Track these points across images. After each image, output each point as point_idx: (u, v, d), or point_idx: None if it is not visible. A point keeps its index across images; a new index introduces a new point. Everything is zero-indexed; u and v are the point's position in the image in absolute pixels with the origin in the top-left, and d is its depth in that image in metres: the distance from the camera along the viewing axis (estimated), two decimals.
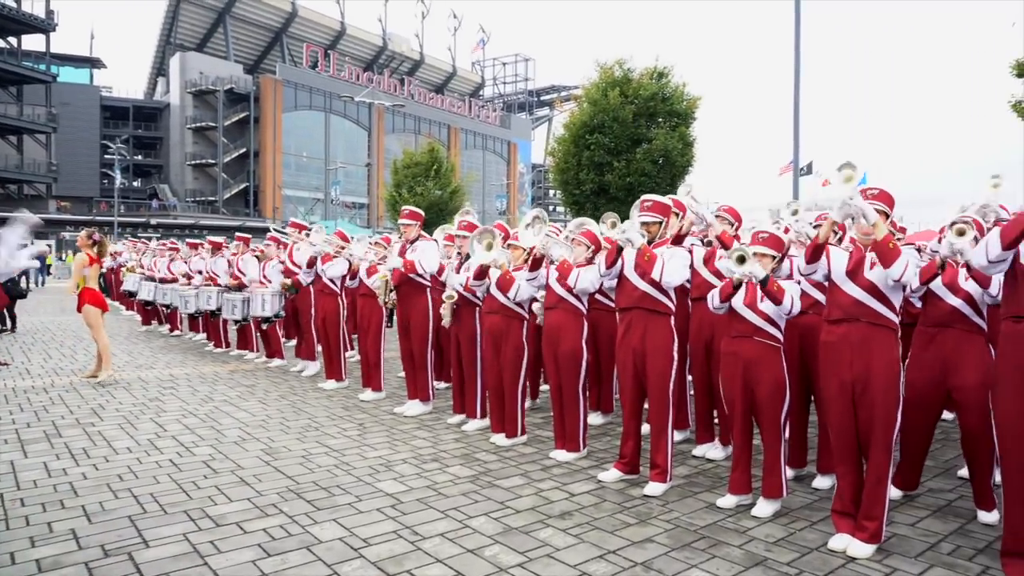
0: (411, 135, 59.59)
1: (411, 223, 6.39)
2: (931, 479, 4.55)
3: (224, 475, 4.55)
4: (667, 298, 4.33)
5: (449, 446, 5.29)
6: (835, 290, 3.56)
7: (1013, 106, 12.76)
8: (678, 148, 21.11)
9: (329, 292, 7.52)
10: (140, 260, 13.83)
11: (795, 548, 3.47)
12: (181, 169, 56.19)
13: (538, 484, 4.42)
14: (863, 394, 3.42)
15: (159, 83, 61.93)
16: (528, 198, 75.47)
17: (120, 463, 4.78)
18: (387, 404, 6.75)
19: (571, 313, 4.88)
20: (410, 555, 3.35)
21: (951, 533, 3.68)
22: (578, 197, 21.94)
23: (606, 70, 22.05)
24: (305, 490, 4.27)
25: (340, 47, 63.27)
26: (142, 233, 39.13)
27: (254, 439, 5.44)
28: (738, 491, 4.05)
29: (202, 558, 3.29)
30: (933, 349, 3.88)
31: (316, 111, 58.29)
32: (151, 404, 6.65)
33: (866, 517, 3.42)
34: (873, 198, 3.50)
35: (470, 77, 79.03)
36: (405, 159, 32.03)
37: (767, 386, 3.89)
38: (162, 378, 8.06)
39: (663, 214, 4.48)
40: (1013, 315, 2.99)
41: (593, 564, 3.27)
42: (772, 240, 3.92)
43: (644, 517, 3.87)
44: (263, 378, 8.12)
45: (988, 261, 2.94)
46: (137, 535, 3.55)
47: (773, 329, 3.90)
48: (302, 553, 3.36)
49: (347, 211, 57.36)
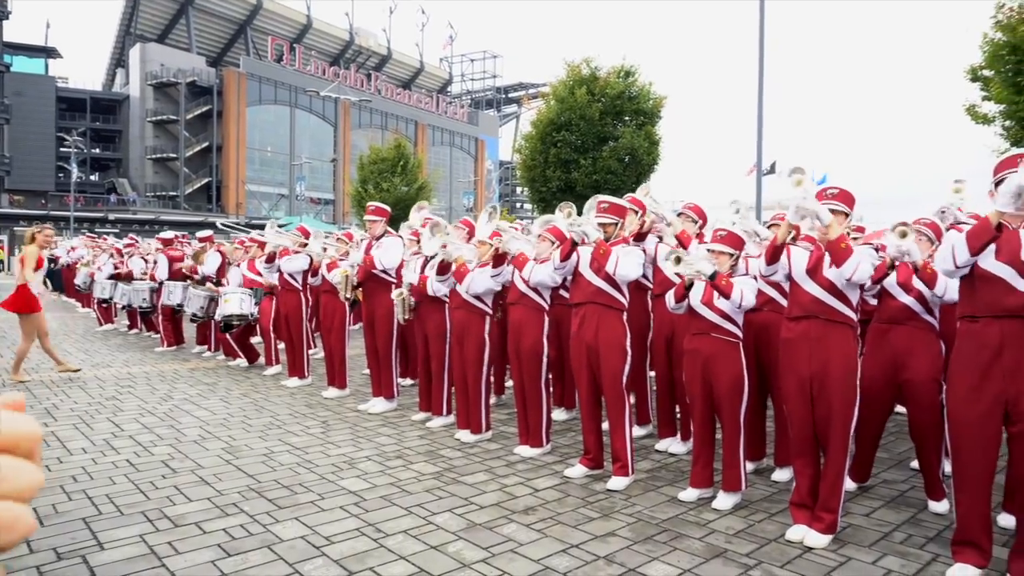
0: (378, 131, 58.99)
1: (376, 219, 6.34)
2: (885, 470, 4.67)
3: (183, 475, 4.46)
4: (620, 294, 4.40)
5: (413, 443, 5.27)
6: (796, 288, 3.63)
7: (967, 110, 13.16)
8: (644, 147, 21.30)
9: (291, 288, 7.42)
10: (94, 258, 13.49)
11: (754, 539, 3.53)
12: (141, 163, 54.84)
13: (502, 480, 4.43)
14: (821, 390, 3.49)
15: (118, 74, 60.34)
16: (495, 195, 75.41)
17: (74, 464, 4.65)
18: (351, 401, 6.69)
19: (533, 309, 4.90)
20: (373, 552, 3.33)
21: (903, 522, 3.78)
22: (545, 194, 21.99)
23: (573, 68, 22.12)
24: (267, 489, 4.21)
25: (306, 41, 62.40)
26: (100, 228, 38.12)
27: (215, 438, 5.35)
28: (699, 485, 4.11)
29: (160, 560, 3.22)
30: (886, 345, 3.99)
31: (281, 105, 57.41)
32: (108, 403, 6.49)
33: (823, 509, 3.50)
34: (832, 197, 3.57)
35: (438, 73, 78.62)
36: (372, 155, 31.71)
37: (726, 382, 3.95)
38: (119, 376, 7.87)
39: (619, 215, 4.53)
40: (967, 315, 3.08)
41: (556, 558, 3.29)
42: (729, 238, 3.99)
43: (607, 511, 3.91)
44: (224, 376, 7.98)
45: (956, 267, 3.01)
46: (92, 537, 3.46)
47: (731, 325, 3.97)
48: (263, 552, 3.32)
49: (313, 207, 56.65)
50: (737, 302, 3.83)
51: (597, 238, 4.30)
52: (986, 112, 12.94)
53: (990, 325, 2.97)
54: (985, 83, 12.73)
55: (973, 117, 13.07)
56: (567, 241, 4.44)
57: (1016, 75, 11.92)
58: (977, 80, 12.92)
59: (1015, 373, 2.92)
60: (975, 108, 13.07)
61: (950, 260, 3.02)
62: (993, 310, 2.96)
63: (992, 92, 12.46)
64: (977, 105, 13.06)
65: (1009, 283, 2.92)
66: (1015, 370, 2.92)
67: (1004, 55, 11.98)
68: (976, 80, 12.94)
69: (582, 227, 4.34)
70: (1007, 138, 12.54)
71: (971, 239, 2.94)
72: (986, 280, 2.99)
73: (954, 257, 2.99)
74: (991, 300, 2.97)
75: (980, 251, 2.93)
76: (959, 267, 3.00)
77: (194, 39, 57.12)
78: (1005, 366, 2.93)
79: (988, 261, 2.97)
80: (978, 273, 3.01)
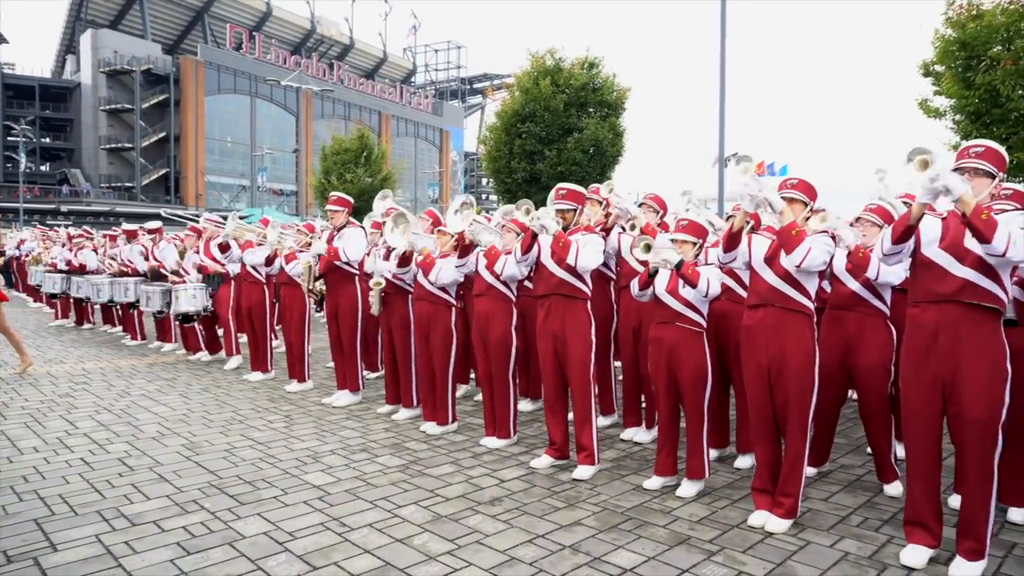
0: (341, 121, 58.28)
1: (338, 209, 6.26)
2: (843, 455, 4.79)
3: (141, 472, 4.36)
4: (583, 284, 4.42)
5: (379, 436, 5.23)
6: (755, 277, 3.69)
7: (920, 104, 13.50)
8: (608, 138, 21.44)
9: (254, 280, 7.28)
10: (47, 250, 13.06)
11: (717, 526, 3.59)
12: (95, 153, 53.26)
13: (468, 471, 4.42)
14: (779, 377, 3.55)
15: (68, 61, 58.38)
16: (460, 186, 75.12)
17: (25, 463, 4.51)
18: (315, 395, 6.61)
19: (500, 300, 4.88)
20: (337, 547, 3.30)
21: (860, 506, 3.88)
22: (510, 185, 22.01)
23: (538, 59, 22.14)
24: (228, 485, 4.13)
25: (266, 29, 61.18)
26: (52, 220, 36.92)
27: (174, 434, 5.23)
28: (664, 473, 4.16)
29: (116, 559, 3.14)
30: (837, 331, 4.09)
31: (241, 95, 56.27)
32: (61, 401, 6.30)
33: (783, 494, 3.57)
34: (792, 187, 3.63)
35: (401, 63, 77.88)
36: (334, 145, 31.32)
37: (690, 370, 4.00)
38: (73, 373, 7.65)
39: (577, 201, 4.54)
40: (914, 301, 3.17)
41: (522, 549, 3.29)
42: (691, 227, 4.03)
43: (573, 501, 3.93)
44: (184, 371, 7.81)
45: (884, 254, 3.18)
46: (44, 539, 3.36)
47: (694, 315, 4.01)
48: (224, 550, 3.26)
49: (275, 198, 55.72)
50: (703, 291, 3.87)
51: (556, 230, 4.31)
52: (938, 107, 13.28)
53: (927, 310, 3.08)
54: (937, 78, 13.07)
55: (925, 111, 13.42)
56: (527, 233, 4.44)
57: (966, 71, 12.26)
58: (929, 75, 13.25)
59: (949, 357, 3.02)
60: (927, 102, 13.41)
61: (879, 247, 3.22)
62: (930, 295, 3.07)
63: (943, 87, 12.79)
64: (929, 100, 13.40)
65: (946, 269, 3.03)
66: (949, 354, 3.02)
67: (954, 51, 12.30)
68: (928, 75, 13.27)
69: (540, 220, 4.34)
70: (957, 132, 12.90)
71: (894, 229, 3.12)
72: (926, 266, 3.10)
73: (881, 245, 3.17)
74: (929, 285, 3.08)
75: (901, 241, 3.06)
76: (886, 254, 3.17)
77: (149, 25, 55.57)
78: (940, 350, 3.03)
79: (931, 249, 3.08)
80: (920, 260, 3.13)
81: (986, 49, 11.91)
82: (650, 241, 3.95)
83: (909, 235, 3.25)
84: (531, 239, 4.43)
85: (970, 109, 12.34)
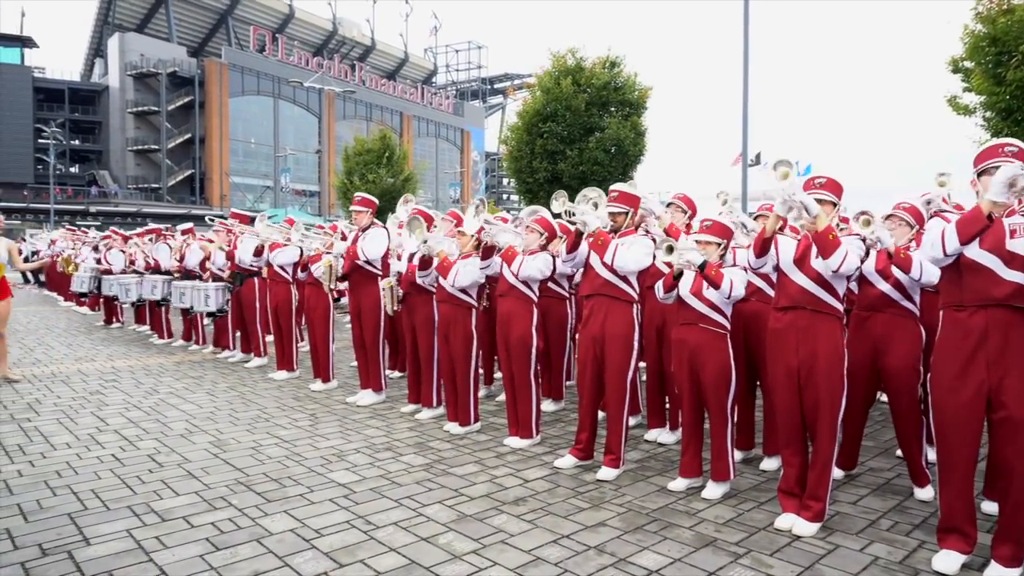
0: (362, 122, 58.58)
1: (363, 210, 6.30)
2: (871, 458, 4.72)
3: (170, 469, 4.42)
4: (628, 286, 4.34)
5: (403, 435, 5.25)
6: (783, 278, 3.65)
7: (949, 101, 13.27)
8: (630, 137, 21.30)
9: (281, 280, 7.36)
10: (78, 252, 13.29)
11: (743, 528, 3.56)
12: (122, 155, 54.13)
13: (492, 471, 4.42)
14: (808, 379, 3.51)
15: (96, 65, 59.42)
16: (482, 186, 75.26)
17: (58, 459, 4.60)
18: (339, 394, 6.66)
19: (522, 300, 4.88)
20: (363, 545, 3.32)
21: (890, 510, 3.82)
22: (531, 185, 21.96)
23: (559, 58, 22.06)
24: (255, 482, 4.18)
25: (289, 31, 61.78)
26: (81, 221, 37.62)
27: (202, 431, 5.30)
28: (688, 474, 4.13)
29: (147, 554, 3.19)
30: (865, 332, 4.03)
31: (264, 96, 56.87)
32: (92, 398, 6.42)
33: (811, 497, 3.53)
34: (821, 187, 3.58)
35: (422, 64, 78.20)
36: (357, 146, 31.48)
37: (713, 372, 3.97)
38: (104, 371, 7.78)
39: (629, 204, 4.44)
40: (954, 304, 3.09)
41: (547, 549, 3.29)
42: (716, 227, 3.99)
43: (597, 501, 3.92)
44: (211, 369, 7.91)
45: (945, 254, 3.01)
46: (77, 533, 3.42)
47: (718, 316, 3.98)
48: (252, 546, 3.30)
49: (298, 199, 56.25)
50: (727, 292, 3.83)
51: (596, 228, 4.23)
52: (967, 103, 13.04)
53: (976, 314, 3.00)
54: (966, 75, 12.83)
55: (954, 108, 13.18)
56: (572, 232, 4.40)
57: (996, 66, 12.01)
58: (958, 71, 13.01)
59: (999, 361, 2.95)
60: (956, 99, 13.17)
61: (939, 248, 3.01)
62: (980, 299, 2.98)
63: (973, 83, 12.54)
64: (958, 96, 13.16)
65: (996, 272, 2.94)
66: (999, 358, 2.95)
67: (984, 47, 12.06)
68: (957, 71, 13.03)
69: (581, 217, 4.28)
70: (987, 129, 12.64)
71: (962, 228, 2.95)
72: (973, 269, 3.00)
73: (944, 245, 2.99)
74: (978, 289, 2.99)
75: (970, 240, 2.95)
76: (948, 255, 3.01)
77: (174, 29, 56.35)
78: (989, 355, 2.96)
79: (973, 250, 2.99)
80: (964, 262, 3.03)
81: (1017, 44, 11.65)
82: (673, 243, 3.90)
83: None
84: (576, 238, 4.36)
85: (1001, 106, 12.09)
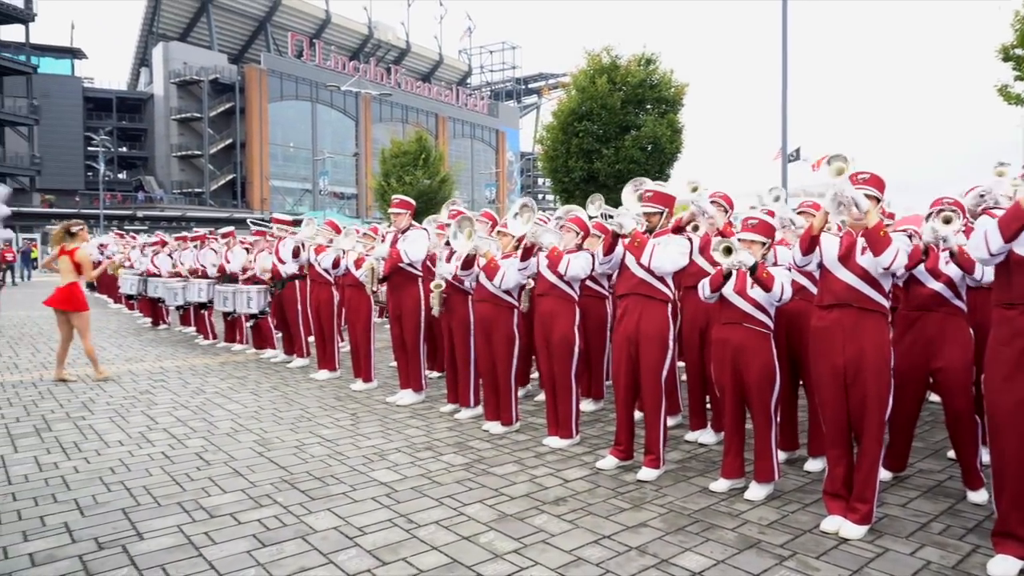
0: (398, 124, 59.23)
1: (402, 212, 6.36)
2: (921, 460, 4.60)
3: (217, 466, 4.53)
4: (664, 285, 4.32)
5: (442, 435, 5.29)
6: (827, 276, 3.57)
7: (999, 90, 12.84)
8: (667, 135, 21.12)
9: (323, 282, 7.49)
10: (127, 255, 13.70)
11: (788, 530, 3.50)
12: (167, 160, 55.60)
13: (532, 471, 4.43)
14: (855, 379, 3.44)
15: (142, 73, 61.15)
16: (517, 186, 75.35)
17: (112, 456, 4.75)
18: (379, 394, 6.74)
19: (563, 300, 4.88)
20: (405, 543, 3.36)
21: (941, 513, 3.72)
22: (567, 185, 21.93)
23: (594, 57, 21.98)
24: (299, 480, 4.26)
25: (325, 36, 62.67)
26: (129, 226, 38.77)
27: (246, 430, 5.42)
28: (731, 475, 4.08)
29: (197, 549, 3.28)
30: (915, 332, 3.92)
31: (302, 101, 57.80)
32: (142, 397, 6.61)
33: (858, 499, 3.45)
34: (864, 182, 3.50)
35: (457, 65, 78.56)
36: (393, 148, 31.84)
37: (757, 372, 3.91)
38: (152, 371, 8.01)
39: (664, 204, 4.41)
40: (1005, 302, 3.00)
41: (588, 549, 3.28)
42: (761, 226, 3.93)
43: (638, 502, 3.90)
44: (254, 369, 8.08)
45: (991, 254, 2.92)
46: (131, 527, 3.53)
47: (762, 315, 3.92)
48: (297, 543, 3.36)
49: (335, 201, 57.07)
50: (777, 295, 3.78)
51: (633, 228, 4.24)
52: (1019, 92, 12.61)
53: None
54: (1017, 62, 12.41)
55: (1005, 98, 12.77)
56: (608, 233, 4.39)
57: None
58: (1009, 60, 12.59)
59: None
60: (1007, 88, 12.75)
61: (983, 248, 2.93)
62: None
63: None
64: (1009, 85, 12.74)
65: None
66: None
67: None
68: (1008, 60, 12.61)
69: (617, 219, 4.27)
70: None
71: (1004, 226, 2.85)
72: (1021, 266, 2.91)
73: (987, 245, 2.91)
74: None
75: (1014, 238, 2.85)
76: (993, 255, 2.92)
77: (215, 37, 57.65)
78: None
79: (1022, 247, 2.89)
80: (1014, 260, 2.93)
81: None
82: (731, 243, 3.81)
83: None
84: (612, 239, 4.35)
85: None
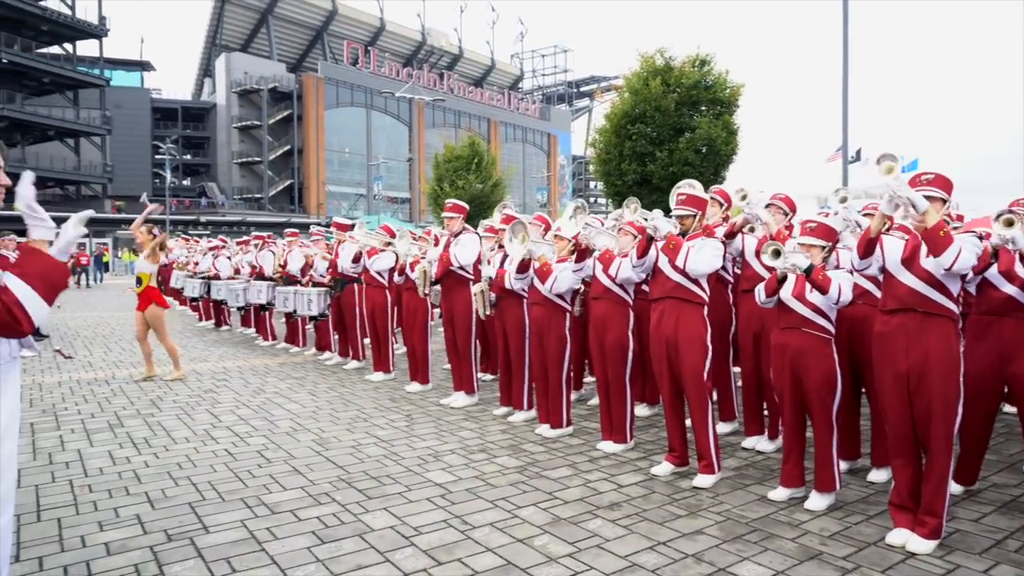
0: (451, 129, 59.85)
1: (455, 216, 6.44)
2: (994, 474, 4.40)
3: (278, 464, 4.66)
4: (700, 288, 4.29)
5: (496, 437, 5.32)
6: (890, 279, 3.46)
7: None
8: (722, 136, 20.74)
9: (377, 285, 7.63)
10: (190, 258, 14.24)
11: (851, 542, 3.40)
12: (228, 167, 57.51)
13: (586, 475, 4.42)
14: (919, 385, 3.32)
15: (206, 84, 63.41)
16: (568, 190, 75.14)
17: (179, 452, 4.94)
18: (433, 396, 6.82)
19: (617, 303, 4.85)
20: (460, 544, 3.39)
21: (1018, 530, 3.55)
22: (620, 188, 21.73)
23: (647, 59, 21.76)
24: (356, 479, 4.35)
25: (380, 43, 63.84)
26: (192, 230, 40.21)
27: (305, 430, 5.56)
28: (790, 484, 3.98)
29: (259, 544, 3.38)
30: (988, 338, 3.77)
31: (357, 107, 58.98)
32: (206, 396, 6.85)
33: (927, 512, 3.33)
34: (928, 183, 3.38)
35: (509, 70, 78.90)
36: (446, 153, 32.18)
37: (817, 378, 3.81)
38: (215, 371, 8.29)
39: (697, 207, 4.38)
40: None
41: (643, 555, 3.25)
42: (821, 230, 3.84)
43: (694, 509, 3.84)
44: (312, 371, 8.28)
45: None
46: (197, 521, 3.67)
47: (822, 320, 3.82)
48: (355, 541, 3.43)
49: (390, 206, 57.99)
50: (834, 298, 3.68)
51: (668, 231, 4.22)
52: None
53: None
54: None
55: None
56: (643, 237, 4.37)
57: None
58: None
59: None
60: None
61: None
62: None
63: None
64: None
65: None
66: None
67: None
68: None
69: (651, 222, 4.28)
70: None
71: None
72: None
73: None
74: None
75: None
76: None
77: (275, 47, 59.36)
78: None
79: None
80: None
81: None
82: (779, 247, 3.77)
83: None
84: (647, 243, 4.36)
85: None
